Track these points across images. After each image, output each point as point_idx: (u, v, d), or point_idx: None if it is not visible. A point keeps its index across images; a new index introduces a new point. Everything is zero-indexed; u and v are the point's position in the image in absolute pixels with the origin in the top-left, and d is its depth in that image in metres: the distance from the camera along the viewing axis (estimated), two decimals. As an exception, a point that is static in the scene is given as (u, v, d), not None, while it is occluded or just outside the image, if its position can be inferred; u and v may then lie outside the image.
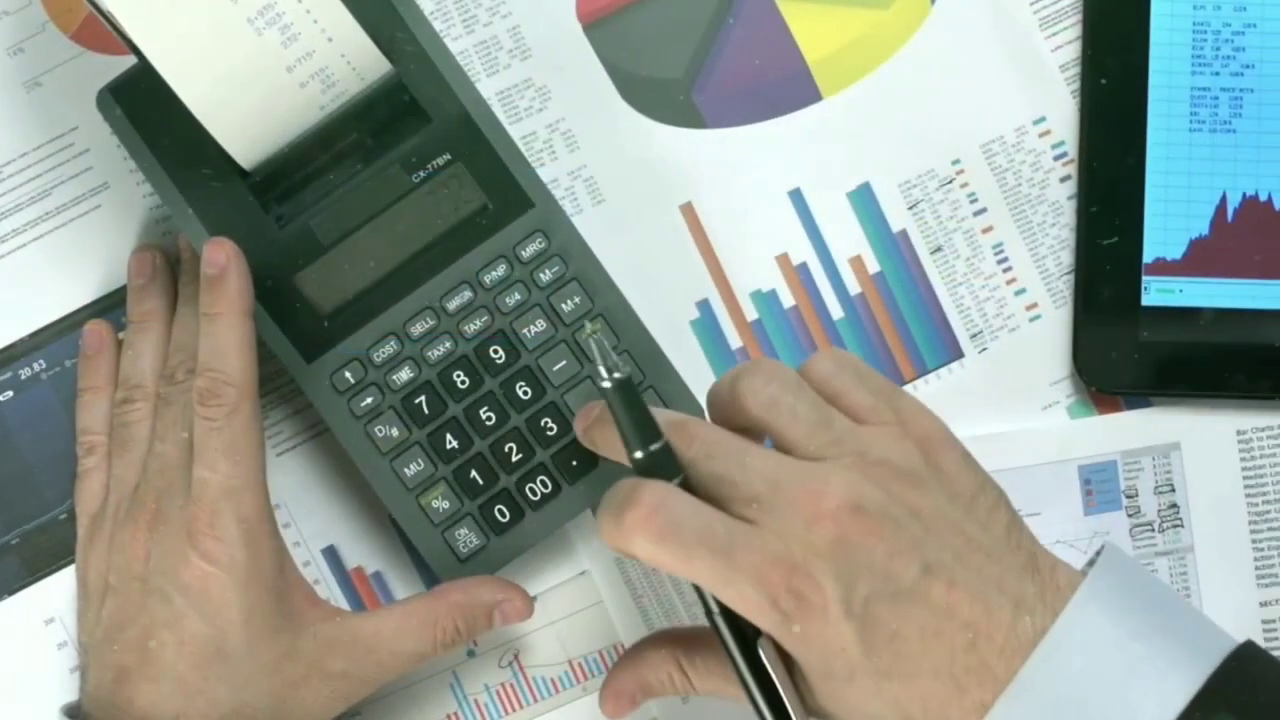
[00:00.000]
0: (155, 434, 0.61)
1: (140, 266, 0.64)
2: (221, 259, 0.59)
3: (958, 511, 0.52)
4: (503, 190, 0.62)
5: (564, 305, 0.63)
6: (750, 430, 0.54)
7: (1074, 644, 0.50)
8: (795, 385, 0.53)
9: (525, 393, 0.63)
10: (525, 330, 0.63)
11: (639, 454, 0.53)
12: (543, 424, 0.63)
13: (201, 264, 0.60)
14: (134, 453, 0.62)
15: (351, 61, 0.61)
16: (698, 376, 0.65)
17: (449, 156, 0.62)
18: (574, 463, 0.63)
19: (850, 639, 0.50)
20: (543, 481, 0.63)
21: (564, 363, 0.63)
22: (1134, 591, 0.52)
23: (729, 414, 0.54)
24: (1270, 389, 0.65)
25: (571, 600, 0.66)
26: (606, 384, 0.53)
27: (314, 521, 0.66)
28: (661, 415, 0.54)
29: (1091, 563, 0.53)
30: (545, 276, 0.63)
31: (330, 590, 0.66)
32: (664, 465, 0.52)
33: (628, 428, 0.53)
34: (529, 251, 0.62)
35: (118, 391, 0.63)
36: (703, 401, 0.63)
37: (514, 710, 0.66)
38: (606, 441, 0.56)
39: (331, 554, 0.66)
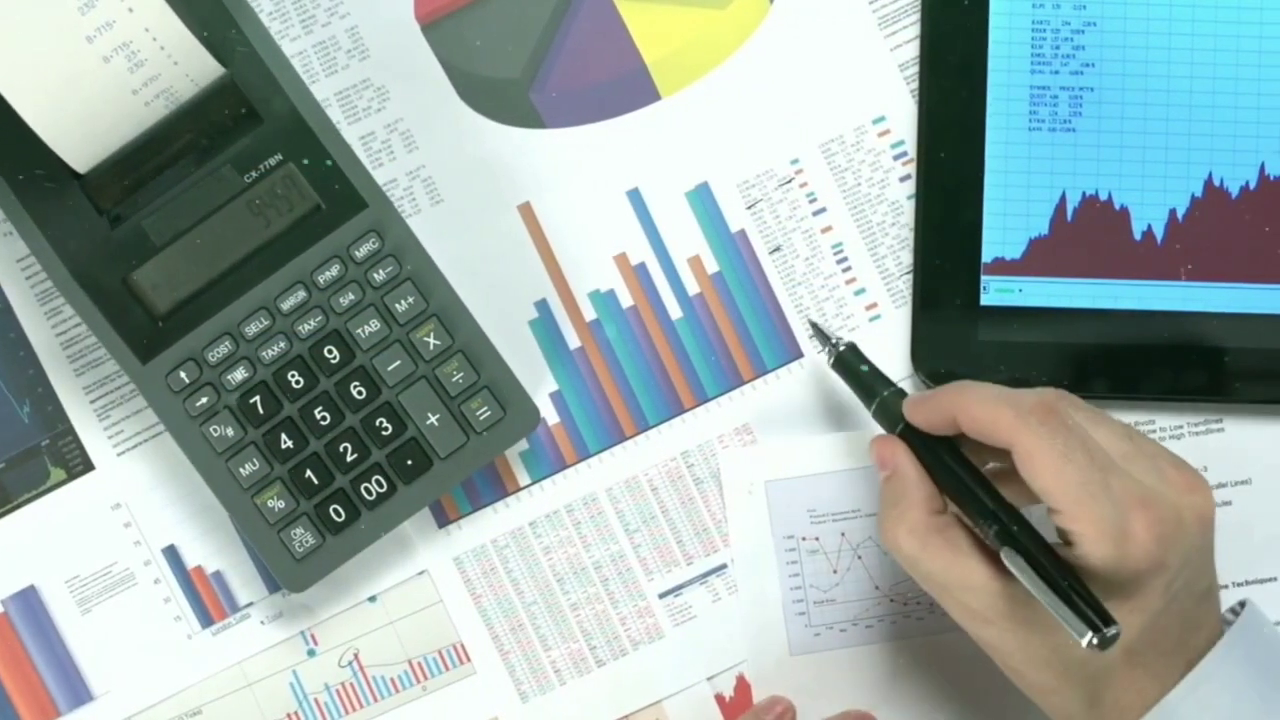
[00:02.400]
0: None
1: None
2: None
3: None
4: (336, 190, 0.67)
5: (398, 305, 0.68)
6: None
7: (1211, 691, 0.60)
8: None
9: (360, 392, 0.68)
10: (359, 330, 0.68)
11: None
12: (378, 424, 0.68)
13: None
14: None
15: (182, 65, 0.66)
16: (536, 376, 0.71)
17: (280, 157, 0.67)
18: (409, 463, 0.68)
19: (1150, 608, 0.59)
20: (378, 481, 0.68)
21: (398, 362, 0.68)
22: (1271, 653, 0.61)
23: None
24: (1109, 389, 0.71)
25: (411, 600, 0.71)
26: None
27: (154, 521, 0.71)
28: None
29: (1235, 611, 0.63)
30: (379, 277, 0.68)
31: (171, 590, 0.71)
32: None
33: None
34: (362, 252, 0.68)
35: None
36: (538, 401, 0.68)
37: (354, 710, 0.71)
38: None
39: (172, 553, 0.71)
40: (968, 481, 0.62)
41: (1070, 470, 0.59)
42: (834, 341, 0.68)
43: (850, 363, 0.68)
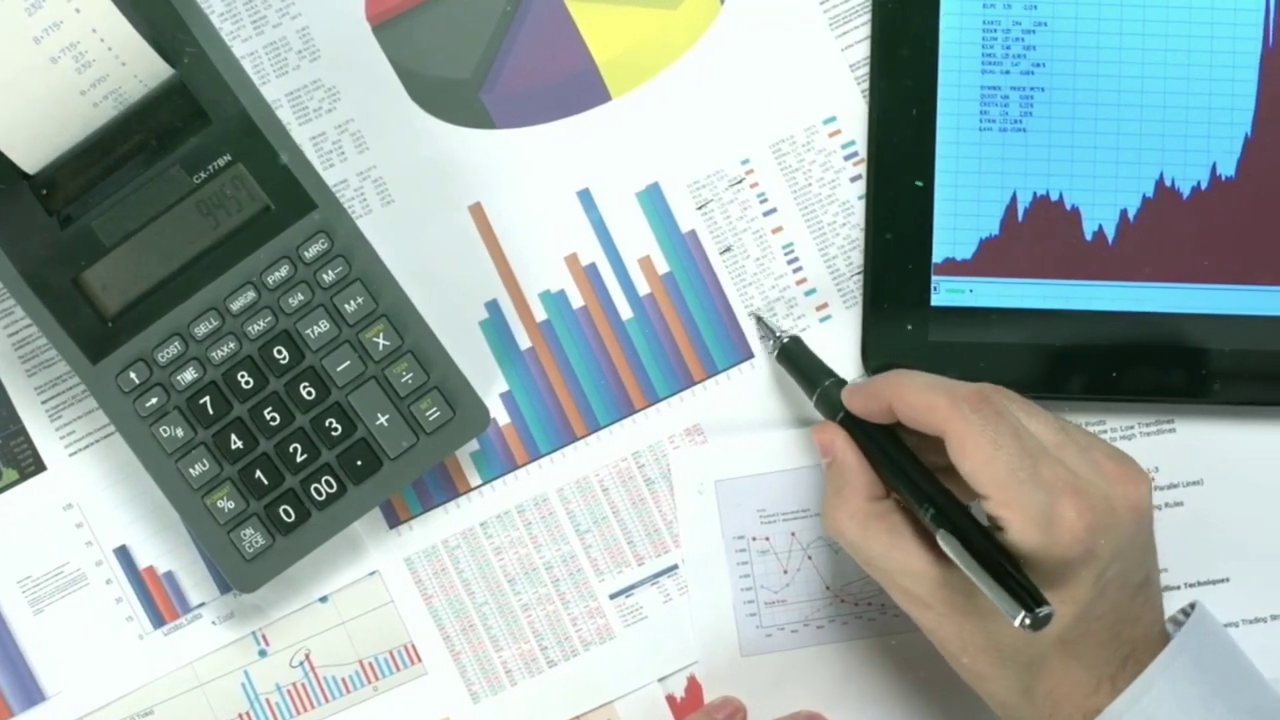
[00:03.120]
0: None
1: None
2: None
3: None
4: (285, 191, 0.69)
5: (347, 306, 0.69)
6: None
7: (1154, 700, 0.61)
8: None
9: (309, 393, 0.70)
10: (309, 331, 0.69)
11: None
12: (327, 424, 0.70)
13: None
14: None
15: (131, 66, 0.67)
16: (486, 377, 0.72)
17: (229, 157, 0.69)
18: (359, 463, 0.70)
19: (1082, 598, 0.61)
20: (328, 482, 0.70)
21: (347, 363, 0.70)
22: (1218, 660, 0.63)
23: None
24: (1060, 389, 0.72)
25: (362, 600, 0.73)
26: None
27: (106, 522, 0.73)
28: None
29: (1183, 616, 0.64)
30: (328, 277, 0.69)
31: (123, 590, 0.72)
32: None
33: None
34: (312, 252, 0.69)
35: None
36: (487, 402, 0.70)
37: (306, 710, 0.73)
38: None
39: (124, 554, 0.73)
40: (904, 466, 0.64)
41: (1000, 456, 0.61)
42: (778, 334, 0.71)
43: (794, 354, 0.70)
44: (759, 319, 0.72)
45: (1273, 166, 0.72)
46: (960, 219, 0.72)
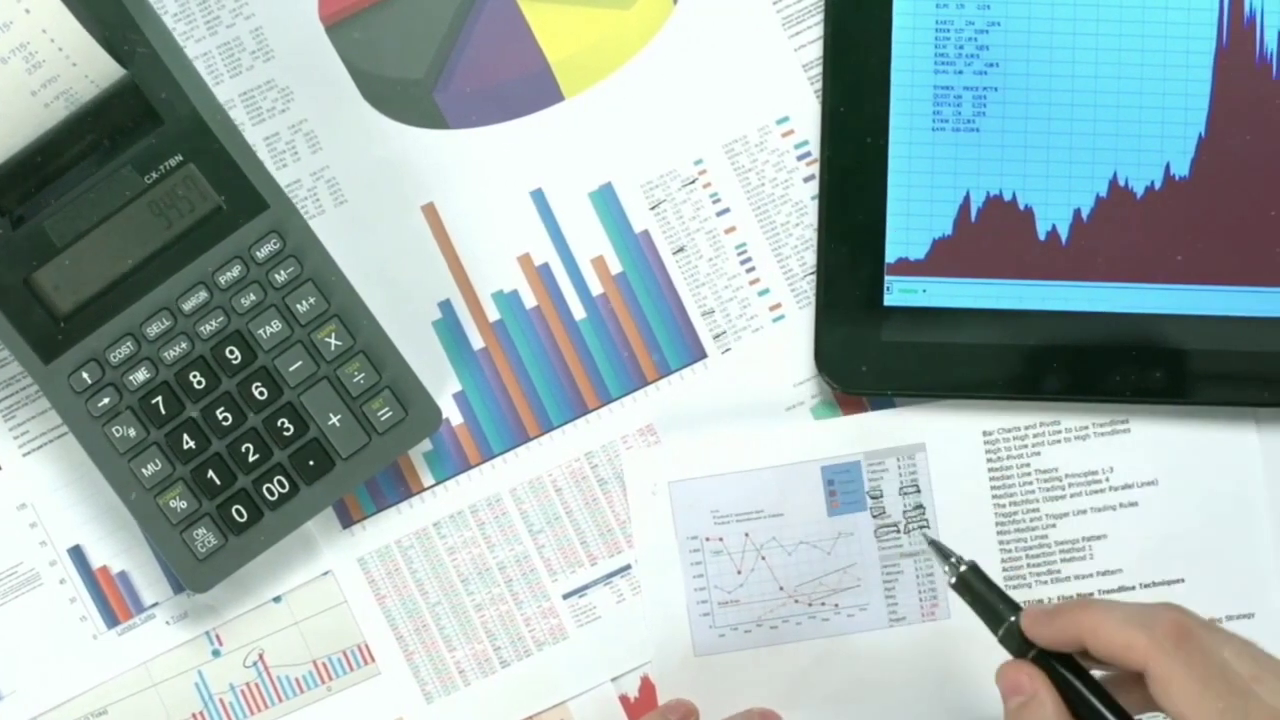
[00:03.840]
0: None
1: None
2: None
3: None
4: (237, 191, 0.70)
5: (299, 306, 0.71)
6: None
7: None
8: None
9: (261, 393, 0.71)
10: (261, 331, 0.71)
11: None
12: (279, 424, 0.71)
13: None
14: None
15: (82, 66, 0.69)
16: (439, 377, 0.74)
17: (181, 158, 0.70)
18: (311, 463, 0.71)
19: None
20: (280, 482, 0.71)
21: (300, 363, 0.71)
22: None
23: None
24: (1014, 390, 0.73)
25: (315, 601, 0.74)
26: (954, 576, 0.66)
27: (60, 521, 0.74)
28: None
29: None
30: (280, 277, 0.71)
31: (77, 590, 0.74)
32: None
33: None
34: (264, 252, 0.70)
35: None
36: (440, 402, 0.71)
37: (259, 710, 0.74)
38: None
39: (78, 554, 0.74)
40: (1110, 712, 0.63)
41: (1209, 698, 0.61)
42: (954, 560, 0.67)
43: (972, 583, 0.66)
44: (934, 542, 0.68)
45: (1226, 166, 0.73)
46: (913, 219, 0.74)
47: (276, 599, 0.75)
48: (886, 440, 0.74)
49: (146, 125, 0.70)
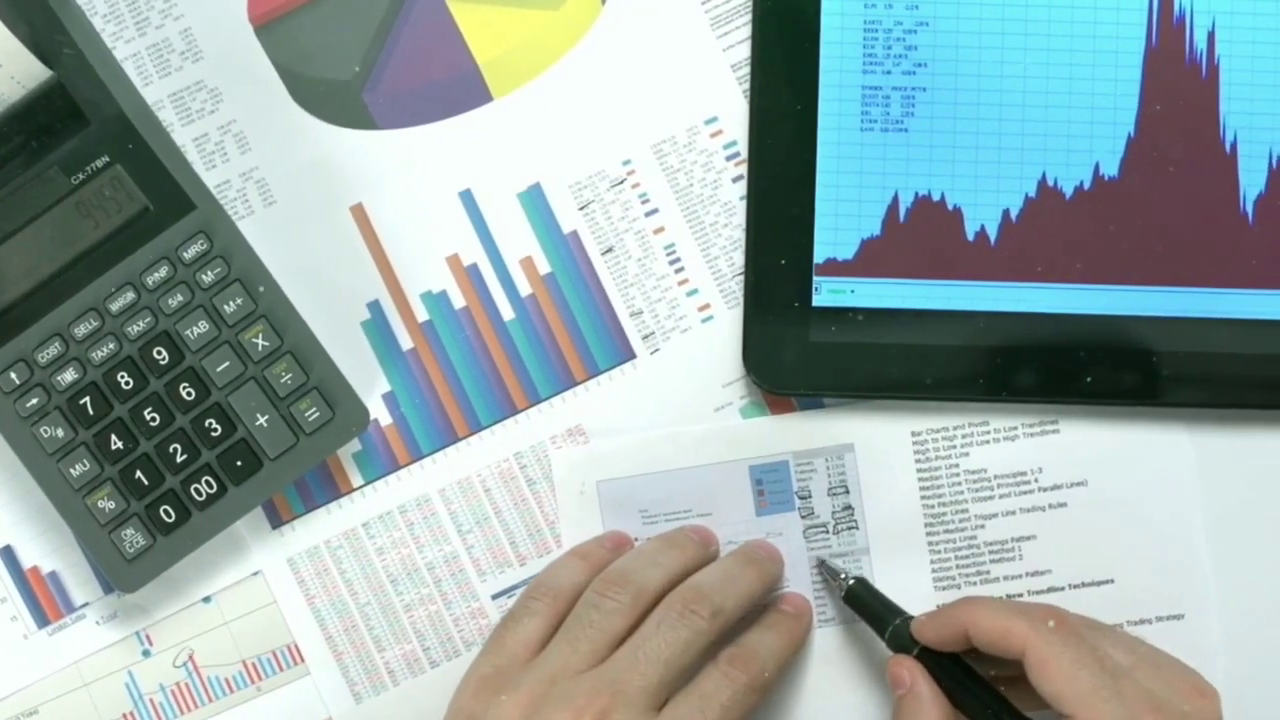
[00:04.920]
0: (635, 643, 0.70)
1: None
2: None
3: None
4: (163, 192, 0.72)
5: (226, 306, 0.73)
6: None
7: None
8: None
9: (189, 394, 0.73)
10: (188, 331, 0.73)
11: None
12: (207, 425, 0.73)
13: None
14: (595, 640, 0.71)
15: (7, 67, 0.71)
16: (368, 377, 0.76)
17: (107, 159, 0.72)
18: (239, 463, 0.73)
19: None
20: (208, 482, 0.73)
21: (227, 364, 0.73)
22: None
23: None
24: (943, 390, 0.75)
25: (245, 601, 0.76)
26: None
27: (-9, 522, 0.76)
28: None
29: None
30: (207, 278, 0.73)
31: (7, 590, 0.76)
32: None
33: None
34: (191, 253, 0.72)
35: (605, 577, 0.73)
36: (369, 403, 0.73)
37: (189, 710, 0.76)
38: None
39: (8, 554, 0.76)
40: (984, 697, 0.69)
41: (1083, 676, 0.66)
42: (843, 576, 0.75)
43: (860, 595, 0.74)
44: (822, 562, 0.76)
45: (1156, 166, 0.75)
46: (841, 219, 0.75)
47: (206, 599, 0.76)
48: (815, 441, 0.76)
49: (73, 126, 0.72)
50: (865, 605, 0.74)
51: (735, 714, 0.70)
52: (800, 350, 0.75)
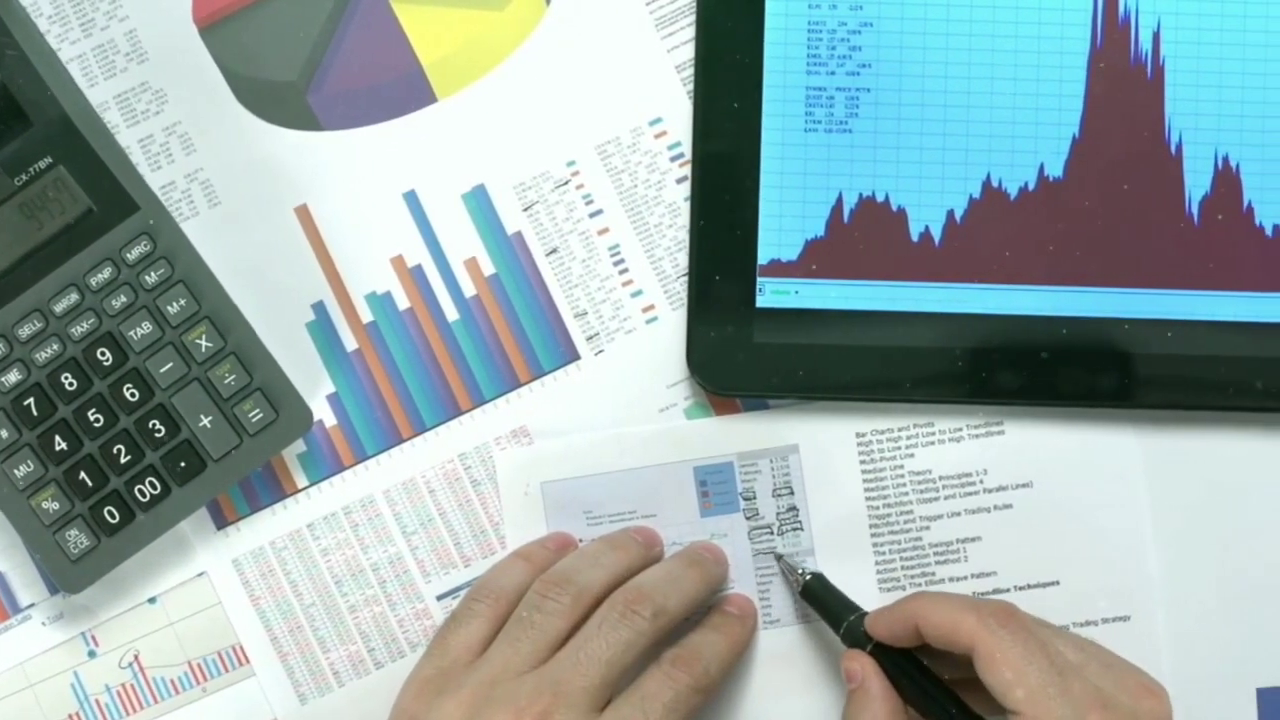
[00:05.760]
0: (576, 644, 0.71)
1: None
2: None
3: None
4: (107, 193, 0.74)
5: (170, 308, 0.74)
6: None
7: None
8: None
9: (133, 395, 0.74)
10: (132, 333, 0.74)
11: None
12: (151, 426, 0.74)
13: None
14: (536, 641, 0.72)
15: (-50, 68, 0.72)
16: (313, 378, 0.77)
17: (50, 160, 0.73)
18: (182, 464, 0.75)
19: None
20: (152, 483, 0.75)
21: (171, 364, 0.74)
22: None
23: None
24: (887, 392, 0.76)
25: (190, 601, 0.78)
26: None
27: (-63, 523, 0.77)
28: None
29: None
30: (151, 279, 0.74)
31: (-47, 592, 0.77)
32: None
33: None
34: (134, 254, 0.74)
35: (547, 578, 0.74)
36: (313, 404, 0.74)
37: (135, 710, 0.78)
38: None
39: (-46, 556, 0.77)
40: (933, 691, 0.71)
41: (1031, 671, 0.67)
42: (800, 572, 0.76)
43: (817, 590, 0.76)
44: (780, 558, 0.77)
45: (1100, 168, 0.76)
46: (785, 220, 0.77)
47: (152, 600, 0.78)
48: (759, 442, 0.77)
49: (16, 127, 0.73)
50: (821, 601, 0.76)
51: (678, 715, 0.71)
52: (744, 351, 0.77)
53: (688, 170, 0.77)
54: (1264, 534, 0.77)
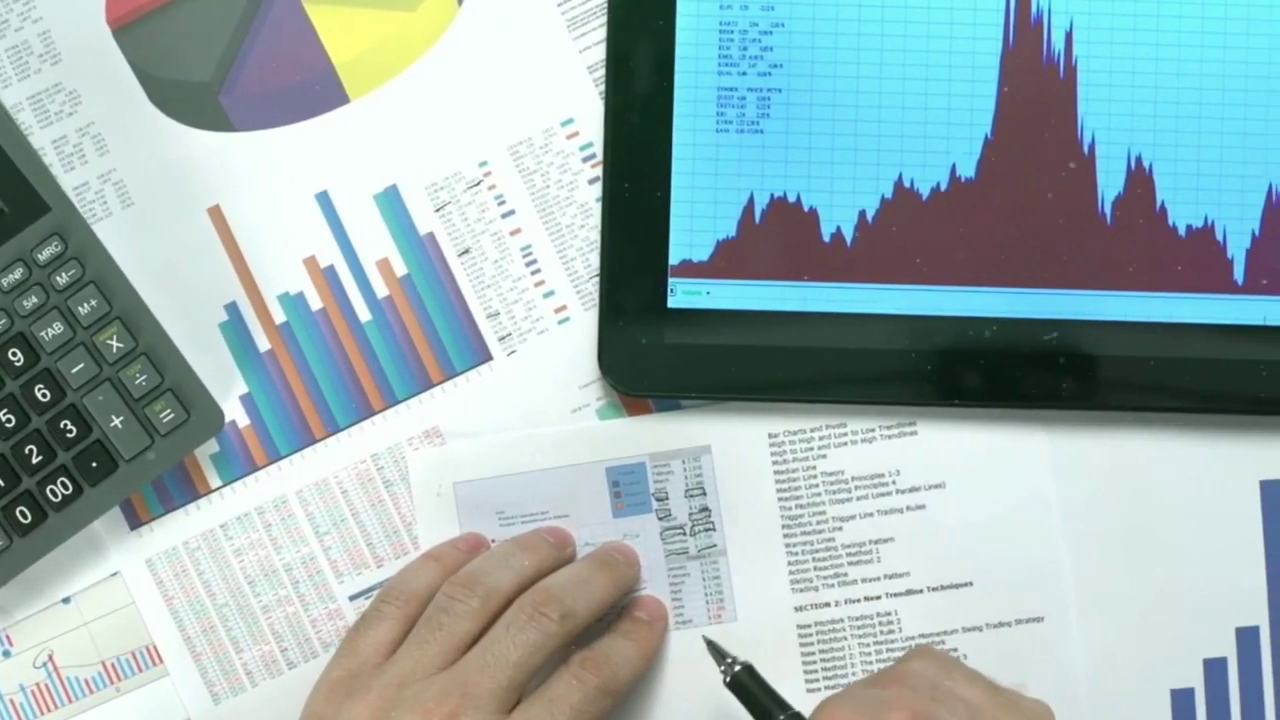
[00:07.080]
0: (484, 646, 0.73)
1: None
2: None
3: None
4: (18, 194, 0.76)
5: (81, 308, 0.76)
6: None
7: None
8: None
9: (44, 395, 0.76)
10: (43, 333, 0.76)
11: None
12: (62, 426, 0.77)
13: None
14: (444, 643, 0.74)
15: None
16: (226, 379, 0.79)
17: (-41, 162, 0.75)
18: (94, 465, 0.77)
19: None
20: (63, 483, 0.77)
21: (82, 365, 0.76)
22: None
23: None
24: (800, 392, 0.78)
25: (104, 601, 0.80)
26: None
27: None
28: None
29: None
30: (62, 280, 0.76)
31: None
32: None
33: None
34: (46, 255, 0.76)
35: (456, 580, 0.76)
36: (226, 404, 0.76)
37: (49, 710, 0.80)
38: None
39: None
40: None
41: None
42: (729, 660, 0.74)
43: (746, 684, 0.73)
44: (710, 643, 0.75)
45: (1012, 168, 0.78)
46: (697, 220, 0.78)
47: (66, 600, 0.80)
48: (672, 442, 0.79)
49: (-75, 130, 0.76)
50: (750, 695, 0.74)
51: (586, 717, 0.73)
52: (656, 352, 0.78)
53: (599, 171, 0.79)
54: (1176, 535, 0.79)
